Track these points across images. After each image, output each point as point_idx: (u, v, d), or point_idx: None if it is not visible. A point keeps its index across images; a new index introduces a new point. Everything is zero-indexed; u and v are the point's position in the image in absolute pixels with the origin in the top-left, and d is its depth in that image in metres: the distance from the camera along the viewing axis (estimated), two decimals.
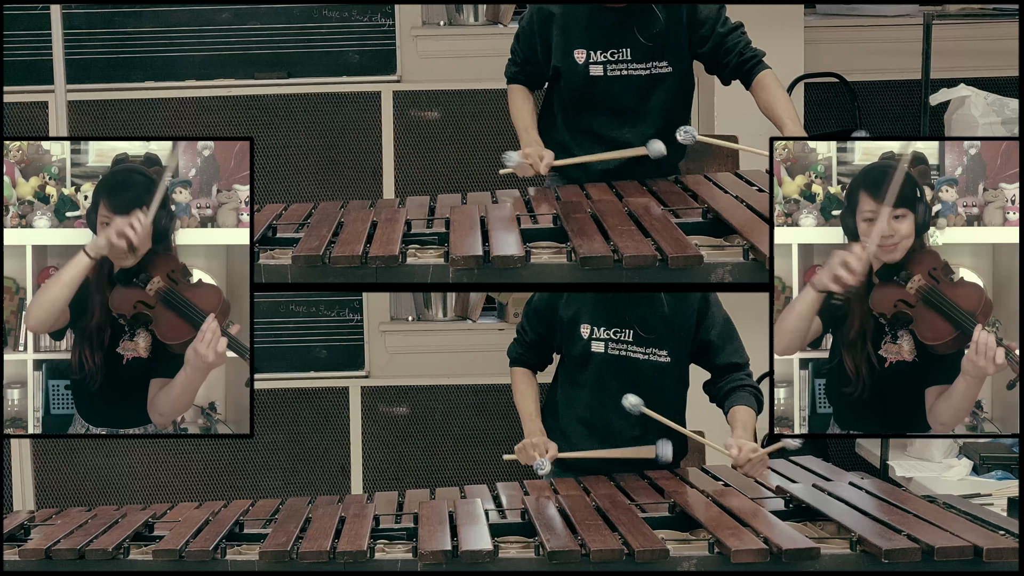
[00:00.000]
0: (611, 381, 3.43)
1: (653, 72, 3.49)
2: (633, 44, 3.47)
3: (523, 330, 3.58)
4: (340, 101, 5.38)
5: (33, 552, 2.83)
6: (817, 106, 5.40)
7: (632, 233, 2.93)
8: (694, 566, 2.67)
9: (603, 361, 3.43)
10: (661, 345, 3.43)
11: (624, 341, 3.43)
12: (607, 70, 3.48)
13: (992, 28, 5.38)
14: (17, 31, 5.31)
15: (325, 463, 5.41)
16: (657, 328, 3.42)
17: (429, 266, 2.87)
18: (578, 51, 3.48)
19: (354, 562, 2.73)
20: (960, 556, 2.63)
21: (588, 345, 3.43)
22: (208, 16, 5.39)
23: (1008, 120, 4.78)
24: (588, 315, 3.43)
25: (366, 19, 5.42)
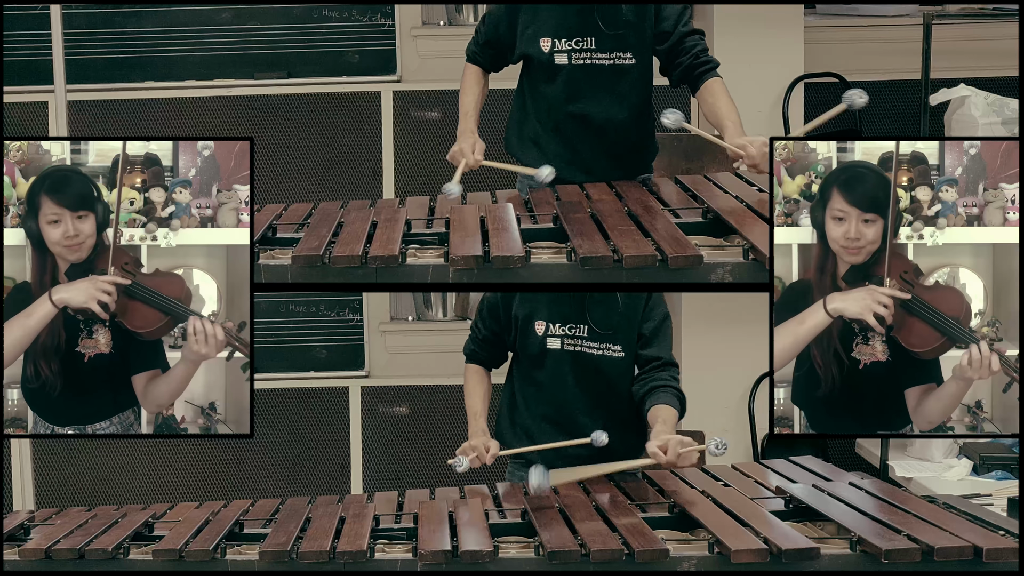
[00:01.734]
0: (568, 377, 3.41)
1: (616, 63, 3.49)
2: (598, 34, 3.46)
3: (476, 326, 3.56)
4: (340, 101, 5.38)
5: (33, 552, 2.83)
6: (817, 106, 5.39)
7: (632, 233, 2.93)
8: (694, 566, 2.67)
9: (559, 357, 3.41)
10: (615, 340, 3.41)
11: (579, 337, 3.41)
12: (571, 58, 3.47)
13: (992, 28, 5.38)
14: (17, 31, 5.31)
15: (325, 463, 5.41)
16: (611, 323, 3.40)
17: (429, 266, 2.86)
18: (544, 39, 3.48)
19: (354, 562, 2.73)
20: (960, 556, 2.63)
21: (544, 342, 3.41)
22: (208, 16, 5.39)
23: (1008, 120, 4.78)
24: (543, 312, 3.41)
25: (366, 19, 5.42)
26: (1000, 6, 5.34)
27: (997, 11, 5.35)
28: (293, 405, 5.38)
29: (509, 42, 3.53)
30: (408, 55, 5.47)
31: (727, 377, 5.10)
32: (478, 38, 3.61)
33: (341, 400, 5.39)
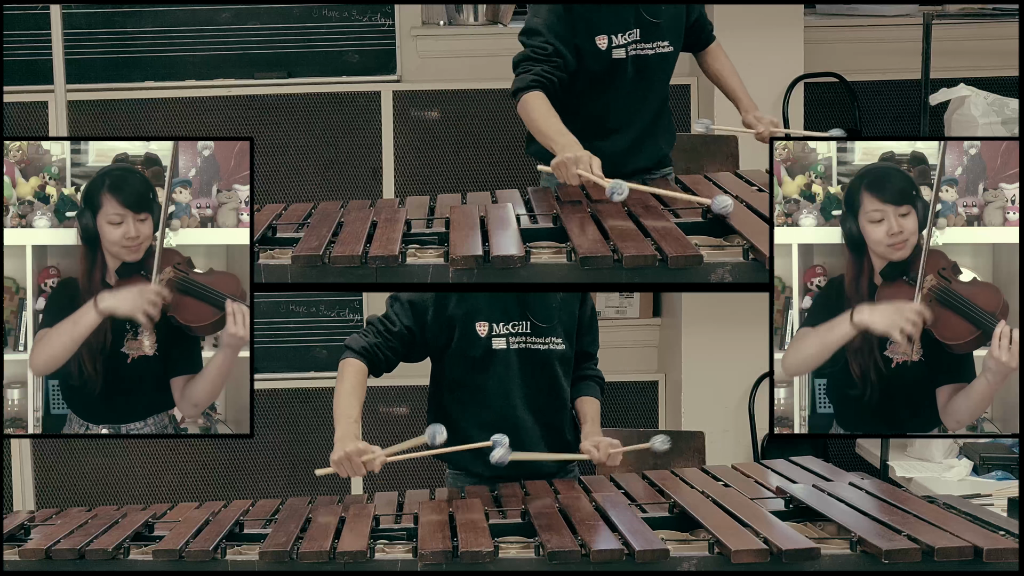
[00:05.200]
0: (516, 376, 3.34)
1: (658, 51, 3.54)
2: (642, 25, 3.52)
3: (388, 320, 3.31)
4: (340, 101, 5.38)
5: (33, 552, 2.83)
6: (817, 106, 5.40)
7: (632, 233, 2.93)
8: (694, 566, 2.67)
9: (506, 357, 3.33)
10: (556, 333, 3.37)
11: (523, 333, 3.34)
12: (628, 51, 3.50)
13: (992, 28, 5.38)
14: (17, 31, 5.31)
15: (325, 463, 5.40)
16: (551, 316, 3.36)
17: (429, 266, 2.86)
18: (600, 37, 3.49)
19: (354, 562, 2.73)
20: (960, 556, 2.63)
21: (488, 343, 3.31)
22: (208, 16, 5.39)
23: (1008, 120, 4.78)
24: (483, 312, 3.31)
25: (366, 19, 5.42)
26: (1000, 6, 5.34)
27: (997, 11, 5.35)
28: (293, 405, 5.38)
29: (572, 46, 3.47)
30: (408, 55, 5.47)
31: (727, 377, 5.10)
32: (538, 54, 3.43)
33: None
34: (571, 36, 3.48)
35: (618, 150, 3.53)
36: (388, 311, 3.33)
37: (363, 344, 3.30)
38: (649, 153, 3.64)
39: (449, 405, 3.38)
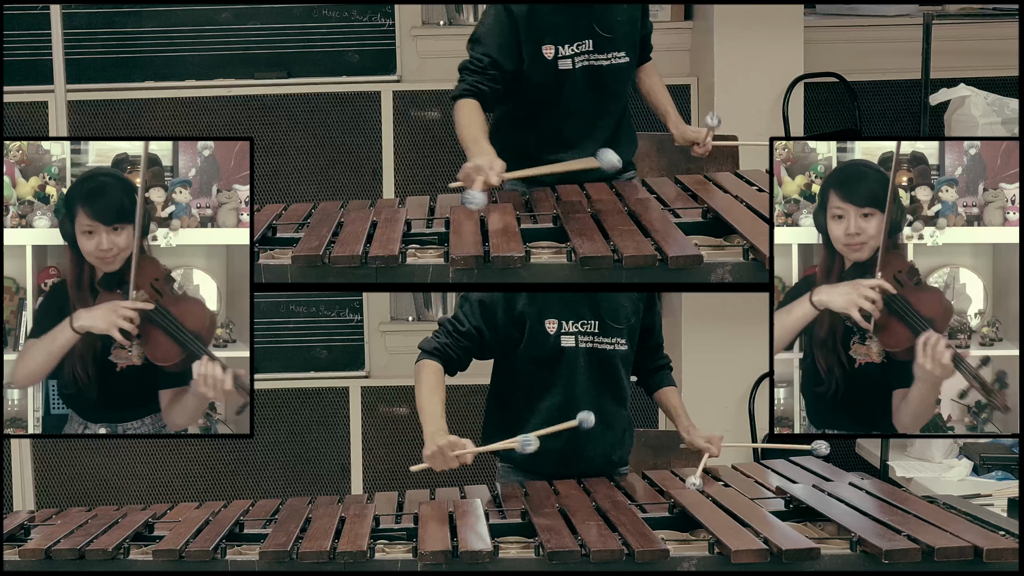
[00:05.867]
0: (580, 375, 3.36)
1: (614, 62, 3.51)
2: (594, 36, 3.48)
3: (457, 320, 3.34)
4: (340, 101, 5.38)
5: (33, 552, 2.82)
6: (817, 106, 5.40)
7: (632, 233, 2.93)
8: (694, 566, 2.67)
9: (574, 356, 3.35)
10: (623, 334, 3.40)
11: (591, 333, 3.37)
12: (575, 63, 3.48)
13: (992, 28, 5.38)
14: (17, 31, 5.31)
15: (325, 463, 5.41)
16: (620, 317, 3.40)
17: (429, 266, 2.86)
18: (547, 46, 3.47)
19: (354, 562, 2.73)
20: (960, 556, 2.63)
21: (558, 341, 3.34)
22: (208, 16, 5.39)
23: (1008, 120, 4.78)
24: (553, 310, 3.34)
25: (366, 19, 5.42)
26: (1000, 6, 5.34)
27: (997, 11, 5.35)
28: (293, 405, 5.38)
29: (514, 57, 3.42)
30: (408, 55, 5.47)
31: (727, 377, 5.10)
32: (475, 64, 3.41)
33: (341, 400, 5.39)
34: (513, 43, 3.42)
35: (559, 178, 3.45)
36: (457, 312, 3.38)
37: (435, 344, 3.34)
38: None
39: (513, 402, 3.40)
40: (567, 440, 3.30)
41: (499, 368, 3.45)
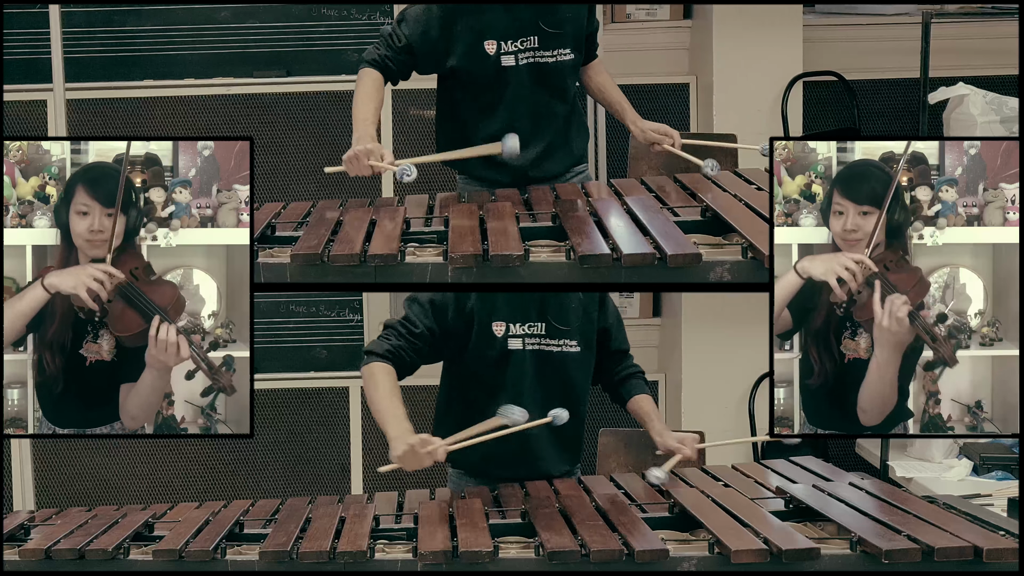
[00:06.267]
0: (528, 377, 3.34)
1: (559, 59, 3.50)
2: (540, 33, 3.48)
3: (408, 322, 3.30)
4: (339, 99, 5.38)
5: (33, 552, 2.82)
6: (816, 105, 5.40)
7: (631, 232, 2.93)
8: (694, 566, 2.67)
9: (520, 358, 3.33)
10: (572, 335, 3.38)
11: (538, 335, 3.34)
12: (519, 59, 3.47)
13: (991, 27, 5.38)
14: (16, 29, 5.31)
15: (325, 463, 5.41)
16: (568, 319, 3.37)
17: (428, 264, 2.86)
18: (488, 42, 3.47)
19: (354, 562, 2.73)
20: (960, 556, 2.63)
21: (505, 343, 3.32)
22: (207, 15, 5.39)
23: (1007, 118, 4.78)
24: (502, 311, 3.32)
25: (365, 17, 5.42)
26: (999, 5, 5.34)
27: (996, 10, 5.35)
28: (293, 405, 5.38)
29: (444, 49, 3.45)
30: None
31: (727, 377, 5.10)
32: (392, 42, 3.44)
33: (341, 400, 5.38)
34: (443, 36, 3.43)
35: (528, 161, 3.49)
36: (408, 313, 3.31)
37: (387, 347, 3.28)
38: (559, 159, 3.57)
39: (462, 403, 3.37)
40: (518, 442, 3.27)
41: (449, 370, 3.43)
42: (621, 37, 5.39)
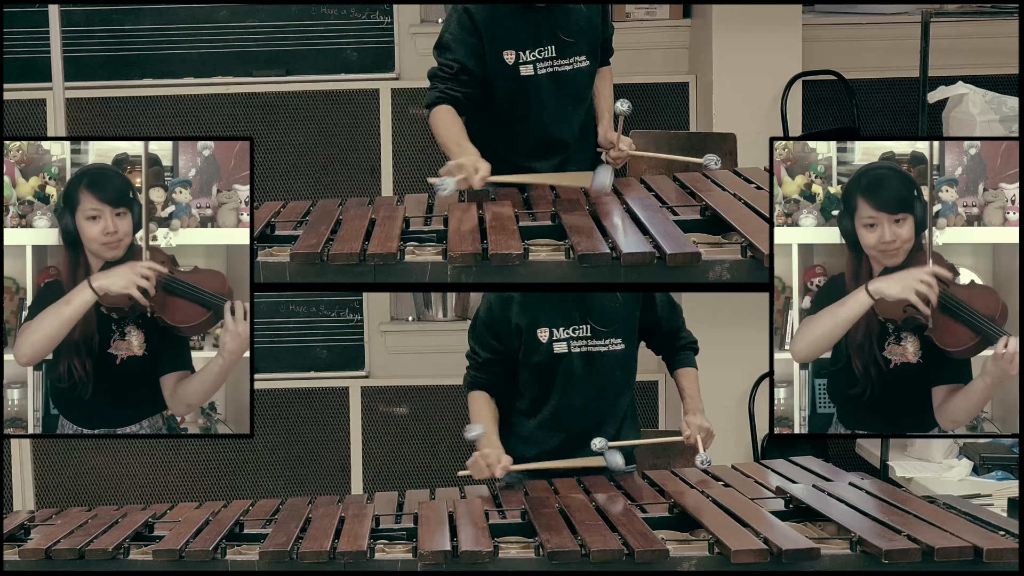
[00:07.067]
0: (576, 379, 3.42)
1: (576, 67, 3.51)
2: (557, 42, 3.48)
3: (474, 353, 3.48)
4: (338, 99, 5.38)
5: (33, 552, 2.82)
6: (815, 104, 5.40)
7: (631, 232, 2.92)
8: (694, 566, 2.67)
9: (567, 361, 3.40)
10: (616, 334, 3.44)
11: (583, 337, 3.41)
12: (537, 68, 3.48)
13: (990, 26, 5.38)
14: (15, 28, 5.31)
15: (325, 463, 5.41)
16: (610, 318, 3.43)
17: (428, 264, 2.86)
18: (507, 51, 3.47)
19: (354, 562, 2.73)
20: (960, 556, 2.63)
21: (550, 348, 3.40)
22: (206, 14, 5.39)
23: (1006, 118, 4.78)
24: (544, 318, 3.40)
25: (364, 17, 5.42)
26: (999, 4, 5.34)
27: (996, 9, 5.35)
28: (293, 405, 5.38)
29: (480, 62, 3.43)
30: (406, 53, 5.47)
31: (727, 377, 5.10)
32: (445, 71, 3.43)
33: (341, 400, 5.39)
34: (479, 47, 3.43)
35: (551, 169, 3.52)
36: (471, 344, 3.47)
37: (472, 377, 3.48)
38: (577, 164, 3.57)
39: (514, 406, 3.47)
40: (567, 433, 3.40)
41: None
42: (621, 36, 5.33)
